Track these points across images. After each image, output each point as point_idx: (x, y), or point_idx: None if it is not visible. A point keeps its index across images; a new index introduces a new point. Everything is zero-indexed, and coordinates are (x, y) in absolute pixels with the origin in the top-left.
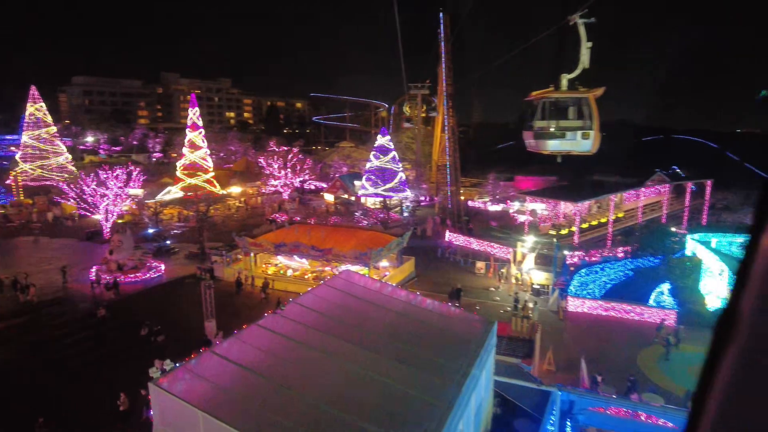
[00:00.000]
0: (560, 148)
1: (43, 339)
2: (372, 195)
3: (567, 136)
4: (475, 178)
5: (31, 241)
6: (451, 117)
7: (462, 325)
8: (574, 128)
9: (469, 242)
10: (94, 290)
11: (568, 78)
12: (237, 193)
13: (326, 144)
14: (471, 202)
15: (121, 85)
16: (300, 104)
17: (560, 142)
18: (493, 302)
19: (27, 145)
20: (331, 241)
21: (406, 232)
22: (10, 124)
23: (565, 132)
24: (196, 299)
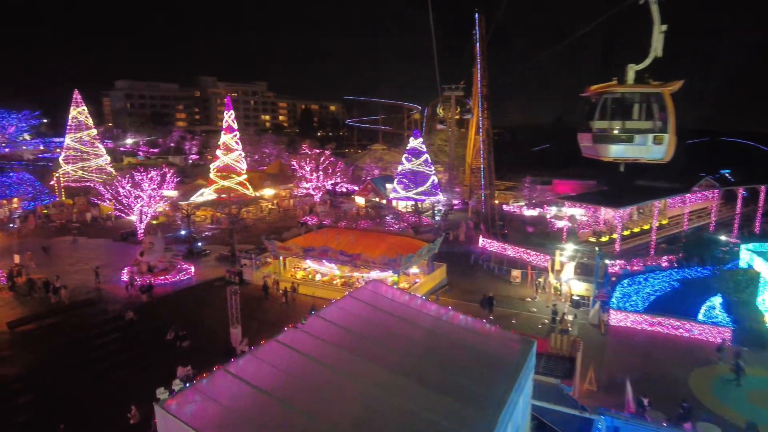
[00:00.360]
0: (626, 155)
1: (72, 340)
2: (403, 198)
3: (635, 140)
4: (510, 182)
5: (70, 241)
6: (486, 118)
7: (498, 344)
8: (644, 131)
9: (503, 248)
10: (128, 292)
11: (636, 69)
12: (270, 195)
13: (359, 146)
14: (506, 207)
15: (160, 88)
16: (334, 107)
17: (626, 147)
18: (529, 314)
19: (69, 147)
20: (360, 246)
21: (437, 238)
22: (57, 128)
23: (633, 135)
24: (224, 303)
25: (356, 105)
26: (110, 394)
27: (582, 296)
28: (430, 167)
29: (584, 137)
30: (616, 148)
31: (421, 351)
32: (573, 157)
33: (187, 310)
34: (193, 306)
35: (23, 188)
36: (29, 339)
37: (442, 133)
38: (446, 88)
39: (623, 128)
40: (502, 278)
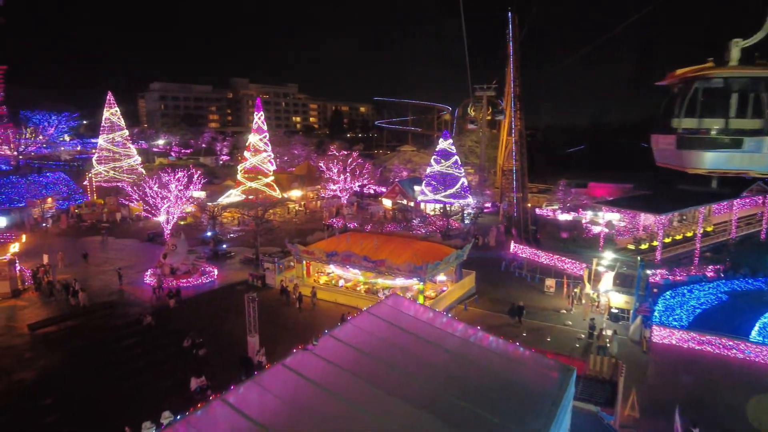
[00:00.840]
0: (728, 165)
1: (89, 344)
2: (432, 201)
3: (744, 144)
4: (544, 184)
5: (98, 241)
6: (519, 119)
7: (534, 372)
8: (757, 132)
9: (536, 255)
10: (155, 295)
11: (743, 46)
12: (297, 196)
13: (388, 148)
14: (538, 210)
15: (193, 90)
16: (364, 108)
17: (729, 155)
18: (564, 327)
19: (102, 148)
20: (385, 251)
21: (466, 245)
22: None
23: (741, 138)
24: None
25: (386, 106)
26: (122, 403)
27: (621, 309)
28: (460, 169)
29: (662, 140)
30: (714, 157)
31: (446, 380)
32: (608, 159)
33: (208, 314)
34: (213, 310)
35: (58, 188)
36: (49, 342)
37: (473, 134)
38: (477, 88)
39: (725, 128)
40: (535, 287)
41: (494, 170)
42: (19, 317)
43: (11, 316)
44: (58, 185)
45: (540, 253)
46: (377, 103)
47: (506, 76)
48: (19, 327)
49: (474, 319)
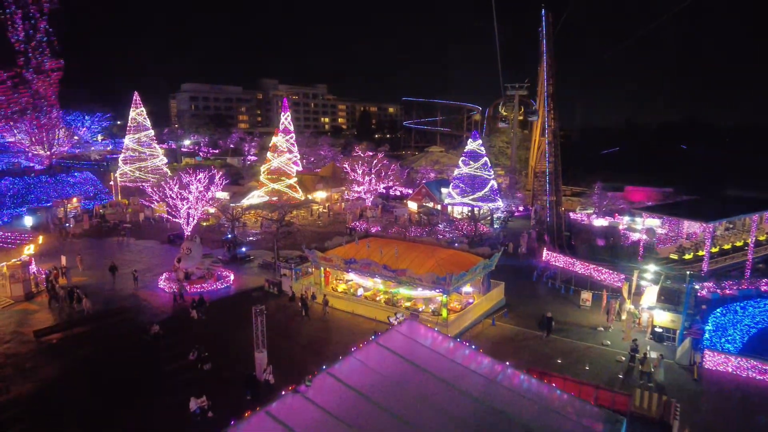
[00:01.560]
0: None
1: (92, 354)
2: (459, 204)
3: None
4: (577, 187)
5: (117, 242)
6: (553, 119)
7: (574, 426)
8: None
9: (570, 264)
10: (177, 303)
11: None
12: (322, 198)
13: (416, 148)
14: (572, 214)
15: (223, 91)
16: (392, 109)
17: None
18: (602, 348)
19: (128, 148)
20: (407, 260)
21: (495, 253)
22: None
23: None
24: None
25: (415, 106)
26: (115, 424)
27: (666, 328)
28: (490, 171)
29: None
30: None
31: None
32: (645, 161)
33: (219, 323)
34: (226, 319)
35: (85, 188)
36: (53, 350)
37: (504, 135)
38: (509, 86)
39: None
40: (570, 300)
41: (526, 172)
42: (28, 322)
43: (21, 321)
44: (85, 185)
45: (575, 262)
46: (406, 104)
47: (539, 74)
48: (26, 333)
49: (502, 335)
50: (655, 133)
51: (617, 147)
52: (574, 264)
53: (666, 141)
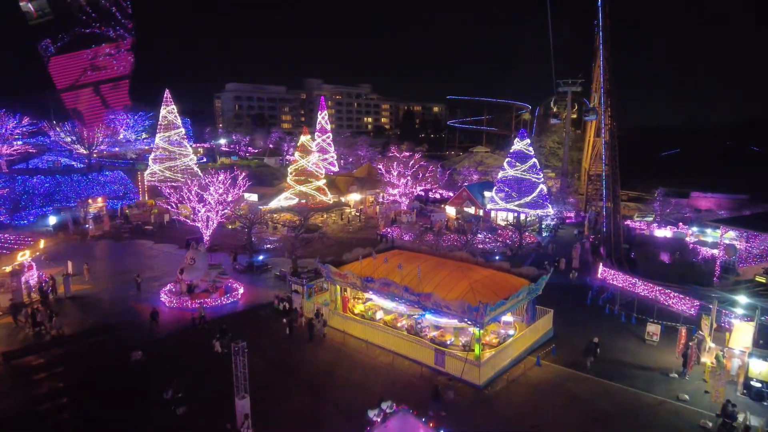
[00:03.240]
0: None
1: (62, 383)
2: (503, 210)
3: None
4: (633, 191)
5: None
6: (610, 117)
7: None
8: None
9: (631, 284)
10: (196, 325)
11: None
12: (355, 201)
13: (460, 149)
14: (629, 222)
15: (267, 90)
16: (437, 108)
17: None
18: (678, 405)
19: (159, 147)
20: (433, 280)
21: (542, 275)
22: None
23: None
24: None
25: (460, 105)
26: None
27: (766, 382)
28: (539, 174)
29: None
30: None
31: None
32: (709, 165)
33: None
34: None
35: (115, 187)
36: (21, 376)
37: (555, 135)
38: (561, 82)
39: None
40: (632, 332)
41: (578, 175)
42: (5, 340)
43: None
44: (115, 184)
45: (637, 282)
46: (451, 103)
47: (594, 70)
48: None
49: (548, 379)
50: (716, 134)
51: (676, 149)
52: (636, 284)
53: (730, 143)
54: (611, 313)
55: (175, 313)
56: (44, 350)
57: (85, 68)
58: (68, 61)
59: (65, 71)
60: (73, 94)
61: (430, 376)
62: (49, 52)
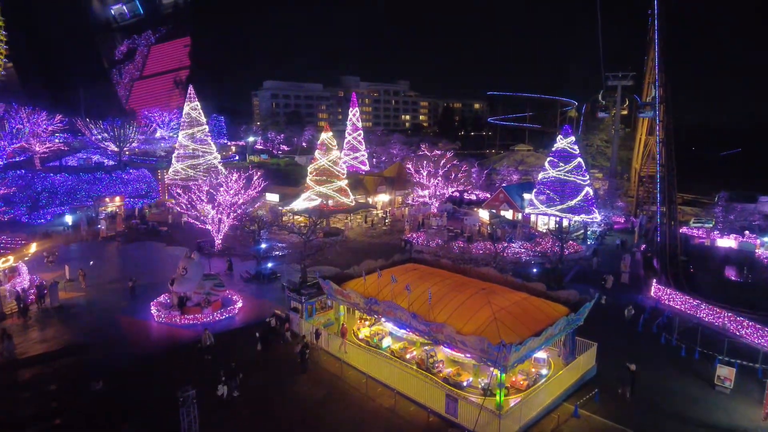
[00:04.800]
0: None
1: (22, 414)
2: (543, 214)
3: None
4: (688, 194)
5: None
6: (666, 113)
7: None
8: None
9: (692, 307)
10: (198, 355)
11: None
12: (384, 202)
13: (501, 147)
14: (687, 230)
15: (304, 88)
16: (478, 105)
17: None
18: None
19: (182, 145)
20: (448, 306)
21: (585, 301)
22: None
23: None
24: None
25: (501, 102)
26: None
27: None
28: (584, 175)
29: None
30: None
31: None
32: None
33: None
34: (202, 371)
35: (138, 185)
36: None
37: (603, 133)
38: (611, 76)
39: None
40: (695, 370)
41: (628, 175)
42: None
43: None
44: (138, 183)
45: (700, 304)
46: (491, 99)
47: (647, 63)
48: None
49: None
50: None
51: (737, 148)
52: (699, 308)
53: None
54: (668, 344)
55: (163, 329)
56: (14, 370)
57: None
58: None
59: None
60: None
61: (439, 427)
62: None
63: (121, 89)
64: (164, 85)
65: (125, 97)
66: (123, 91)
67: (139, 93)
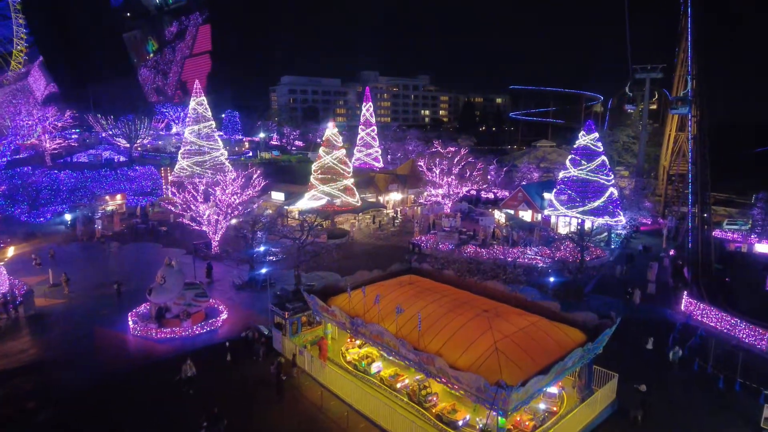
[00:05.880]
0: None
1: None
2: (564, 215)
3: None
4: (720, 193)
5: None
6: (698, 108)
7: None
8: None
9: (730, 326)
10: (180, 380)
11: None
12: (395, 200)
13: (523, 143)
14: (720, 234)
15: (321, 84)
16: (500, 100)
17: None
18: None
19: (187, 141)
20: (445, 330)
21: (605, 329)
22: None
23: None
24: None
25: (524, 96)
26: None
27: None
28: (609, 175)
29: None
30: None
31: None
32: None
33: (153, 403)
34: (180, 414)
35: (143, 183)
36: None
37: (629, 128)
38: (639, 68)
39: None
40: (737, 407)
41: (655, 173)
42: None
43: None
44: (144, 180)
45: (738, 323)
46: (513, 93)
47: (678, 55)
48: None
49: None
50: None
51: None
52: (738, 327)
53: None
54: (702, 372)
55: (139, 344)
56: None
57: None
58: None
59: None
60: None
61: None
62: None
63: (175, 66)
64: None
65: (177, 73)
66: (176, 68)
67: (190, 68)
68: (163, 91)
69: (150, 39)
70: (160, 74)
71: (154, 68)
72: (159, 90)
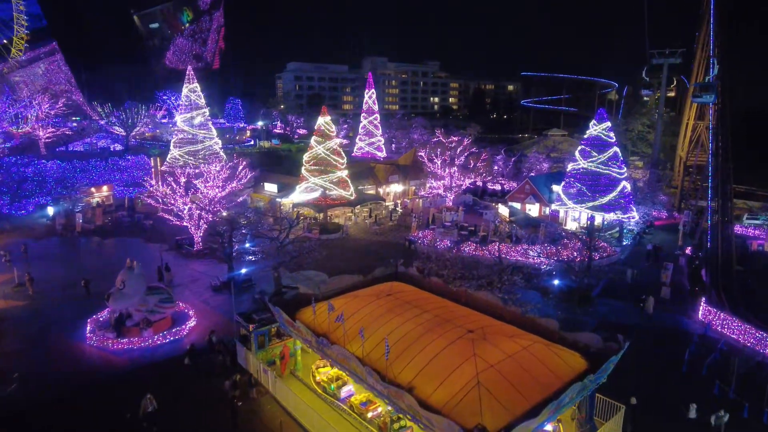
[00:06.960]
0: None
1: None
2: (572, 210)
3: None
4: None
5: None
6: (723, 95)
7: None
8: None
9: (756, 339)
10: (139, 417)
11: None
12: (396, 192)
13: (535, 131)
14: (741, 229)
15: (328, 70)
16: (512, 87)
17: None
18: None
19: (180, 129)
20: (420, 357)
21: (611, 355)
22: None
23: None
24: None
25: (535, 83)
26: None
27: None
28: (621, 167)
29: None
30: None
31: None
32: None
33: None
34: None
35: (135, 173)
36: None
37: (645, 116)
38: (657, 53)
39: None
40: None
41: (671, 165)
42: None
43: None
44: (135, 170)
45: (765, 336)
46: (525, 80)
47: (698, 40)
48: None
49: None
50: None
51: None
52: (765, 341)
53: None
54: (724, 395)
55: (94, 355)
56: None
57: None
58: None
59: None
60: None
61: None
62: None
63: (212, 33)
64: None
65: (215, 41)
66: (213, 35)
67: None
68: (202, 57)
69: (186, 9)
70: (198, 42)
71: (191, 37)
72: (197, 57)
